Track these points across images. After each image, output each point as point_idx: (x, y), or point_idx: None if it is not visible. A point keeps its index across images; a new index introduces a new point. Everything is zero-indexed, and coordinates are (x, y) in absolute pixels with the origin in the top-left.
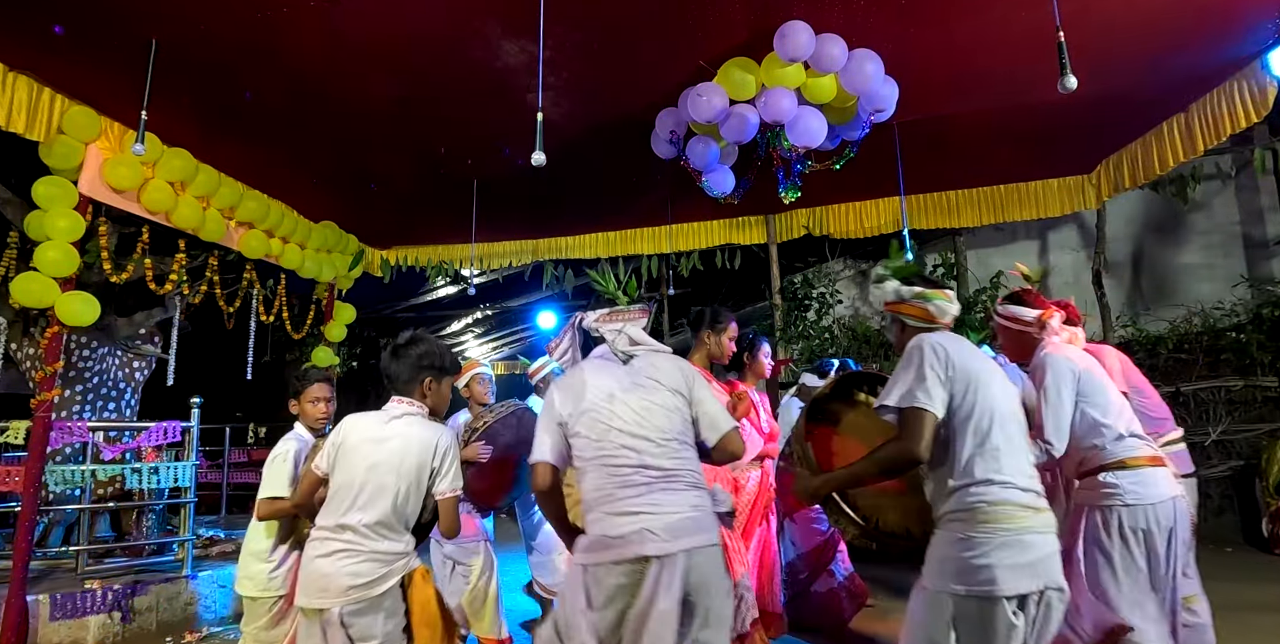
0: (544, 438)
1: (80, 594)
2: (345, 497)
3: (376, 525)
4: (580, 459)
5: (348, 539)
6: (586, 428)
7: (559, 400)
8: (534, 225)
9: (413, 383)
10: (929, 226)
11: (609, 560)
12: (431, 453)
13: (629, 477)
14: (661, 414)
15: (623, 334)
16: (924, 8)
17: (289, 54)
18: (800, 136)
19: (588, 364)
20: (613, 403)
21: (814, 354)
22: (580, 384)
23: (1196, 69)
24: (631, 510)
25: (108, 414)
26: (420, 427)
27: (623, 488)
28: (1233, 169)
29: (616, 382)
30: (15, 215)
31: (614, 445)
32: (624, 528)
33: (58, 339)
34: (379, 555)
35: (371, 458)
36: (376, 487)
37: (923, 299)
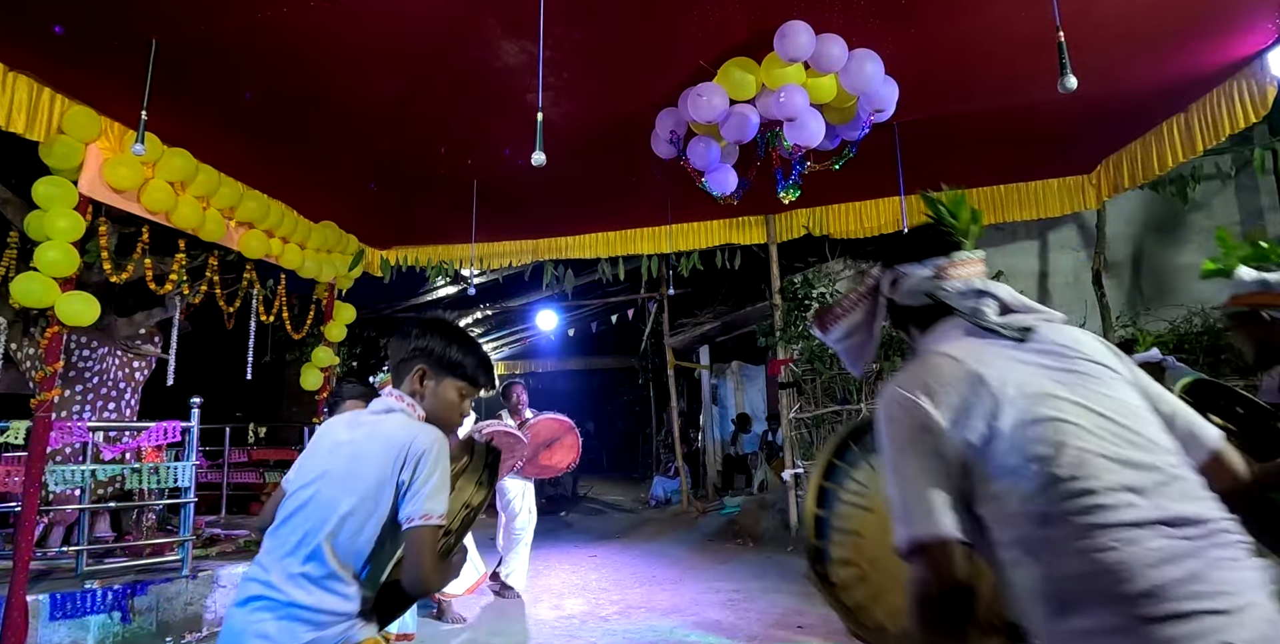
0: (932, 494)
1: (80, 594)
2: (290, 517)
3: (305, 564)
4: (1012, 517)
5: (266, 582)
6: (1030, 459)
7: (943, 417)
8: (534, 225)
9: (401, 369)
10: None
11: None
12: (399, 458)
13: (1152, 541)
14: (1145, 417)
15: (988, 295)
16: (924, 8)
17: (289, 54)
18: (799, 136)
19: (955, 348)
20: (1058, 407)
21: (814, 354)
22: (970, 381)
23: (1196, 69)
24: (1190, 608)
25: (108, 414)
26: (394, 424)
27: (1152, 567)
28: (1233, 169)
29: (1039, 370)
30: (15, 215)
31: (1102, 486)
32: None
33: (58, 339)
34: (299, 612)
35: (322, 465)
36: (316, 506)
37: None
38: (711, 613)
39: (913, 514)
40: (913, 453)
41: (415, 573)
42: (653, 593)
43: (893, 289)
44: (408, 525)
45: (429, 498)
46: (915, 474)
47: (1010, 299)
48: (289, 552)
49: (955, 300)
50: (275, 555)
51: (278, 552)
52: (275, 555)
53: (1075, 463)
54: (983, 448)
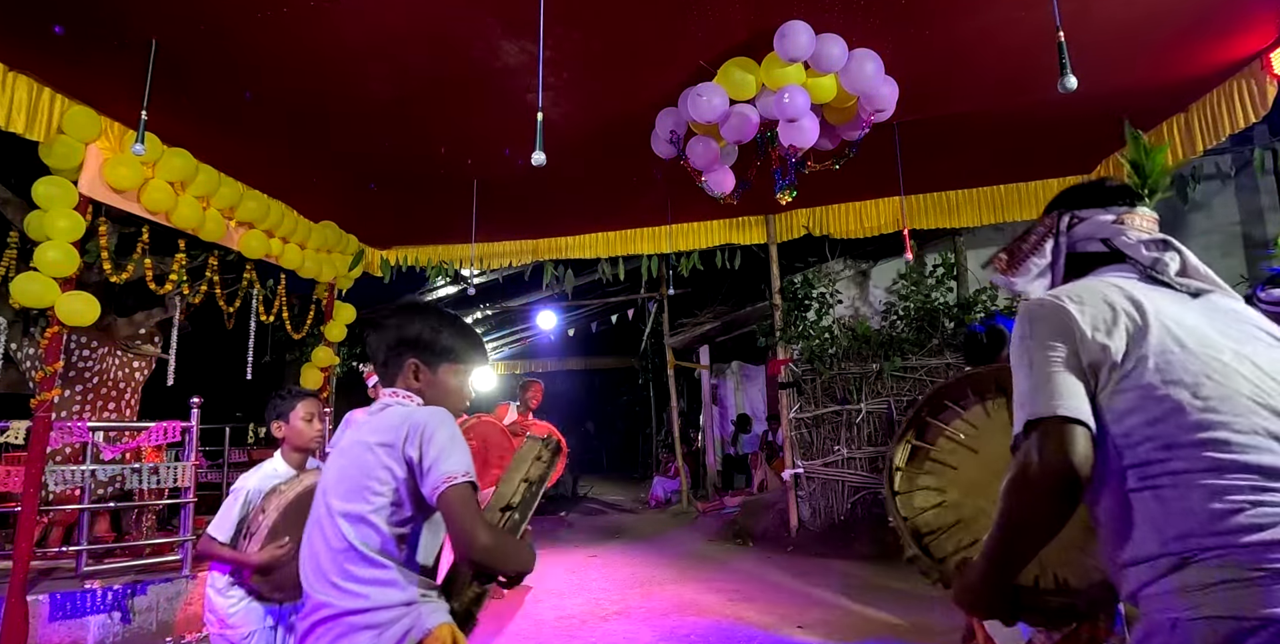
0: (1058, 378)
1: (80, 594)
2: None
3: (345, 563)
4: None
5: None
6: (1175, 381)
7: (1085, 321)
8: (534, 225)
9: (390, 367)
10: (929, 226)
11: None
12: (400, 436)
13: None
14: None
15: (1173, 250)
16: (924, 8)
17: (289, 54)
18: (795, 137)
19: (1118, 280)
20: (1213, 347)
21: (814, 354)
22: (1127, 300)
23: (1196, 69)
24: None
25: (108, 414)
26: (391, 412)
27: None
28: (1233, 169)
29: (1203, 317)
30: (15, 215)
31: (1249, 427)
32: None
33: (58, 339)
34: (358, 619)
35: (331, 471)
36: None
37: None
38: (711, 613)
39: (1037, 396)
40: (1049, 348)
41: (460, 534)
42: (653, 593)
43: (1069, 233)
44: (436, 494)
45: (444, 460)
46: (1048, 364)
47: (1193, 262)
48: (325, 565)
49: (1134, 249)
50: (315, 574)
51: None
52: (315, 574)
53: (1218, 397)
54: (1121, 362)
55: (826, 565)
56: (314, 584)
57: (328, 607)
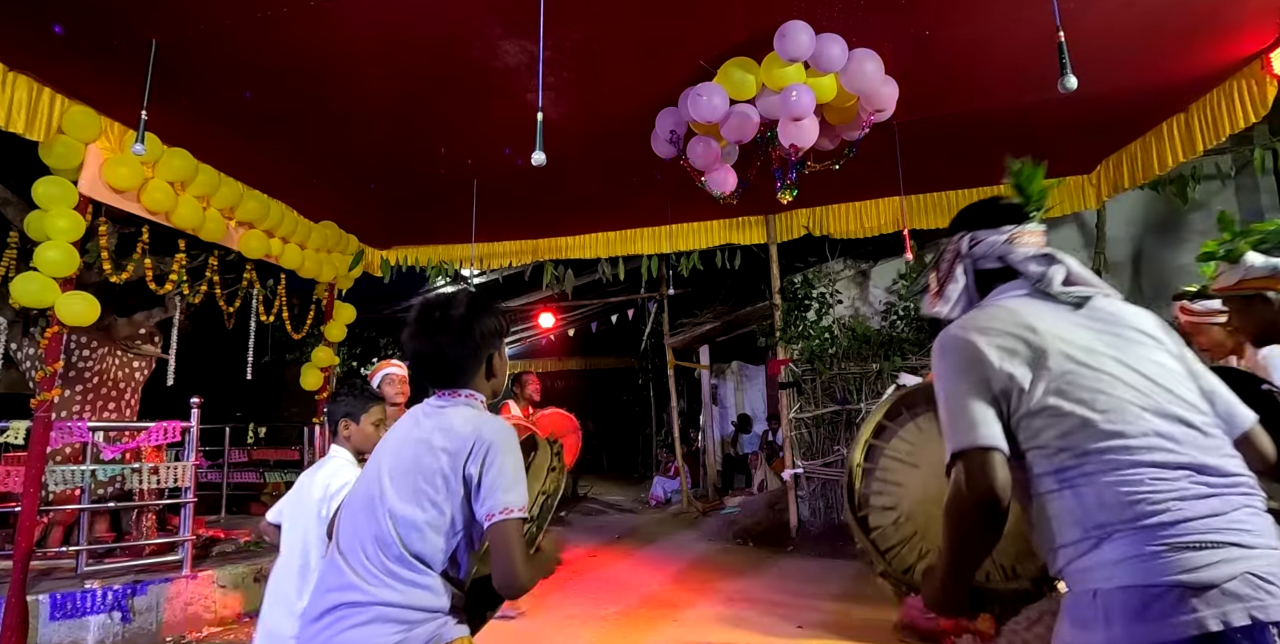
0: (976, 410)
1: (80, 594)
2: (353, 518)
3: (383, 559)
4: (1052, 455)
5: (344, 584)
6: (1074, 399)
7: (992, 354)
8: (534, 225)
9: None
10: (929, 227)
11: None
12: (466, 449)
13: (1175, 481)
14: (1184, 384)
15: (1056, 263)
16: (924, 8)
17: (289, 54)
18: (796, 137)
19: (1013, 303)
20: (1100, 361)
21: (814, 354)
22: (1023, 328)
23: (1196, 69)
24: (1215, 538)
25: (108, 414)
26: (460, 414)
27: (1187, 500)
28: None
29: (1090, 332)
30: (15, 215)
31: (1137, 431)
32: (1211, 569)
33: (58, 339)
34: (392, 611)
35: (387, 459)
36: (391, 501)
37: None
38: (711, 612)
39: (958, 427)
40: (963, 380)
41: (505, 569)
42: (653, 592)
43: (970, 253)
44: (488, 523)
45: (506, 490)
46: (964, 396)
47: (1076, 270)
48: (369, 553)
49: (1024, 266)
50: (352, 559)
51: (355, 555)
52: (352, 559)
53: (1113, 408)
54: (1028, 387)
55: (826, 565)
56: (350, 564)
57: (360, 590)
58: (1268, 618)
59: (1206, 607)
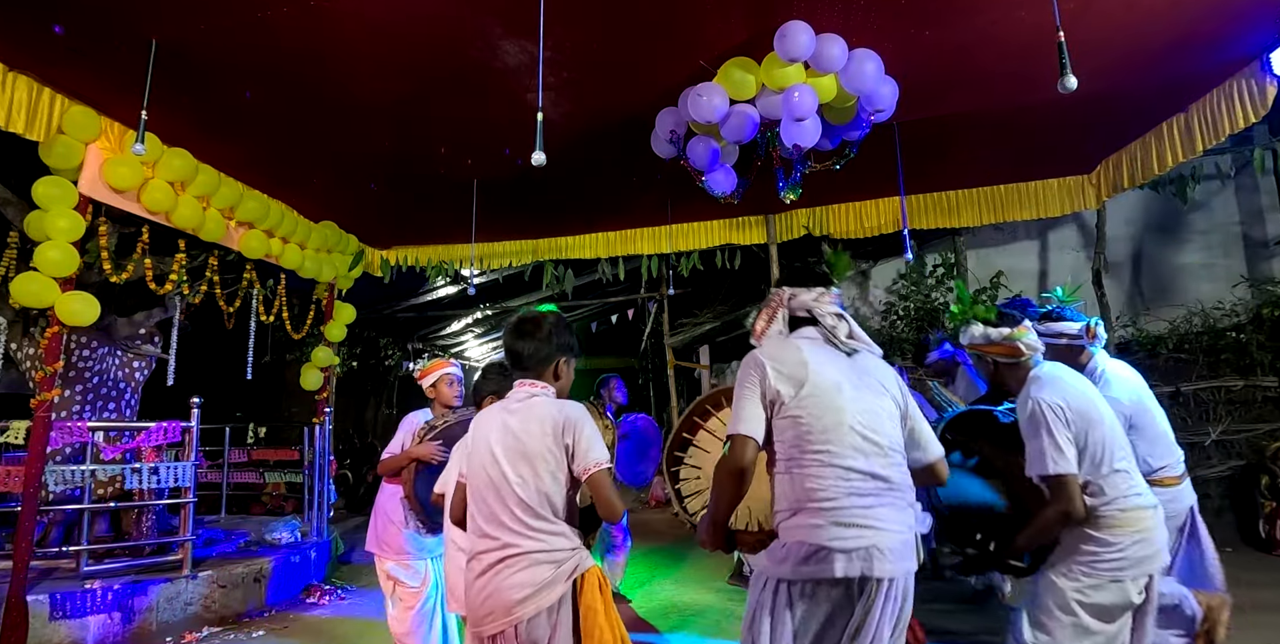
0: (749, 410)
1: (80, 594)
2: (484, 499)
3: (525, 518)
4: (788, 447)
5: (503, 543)
6: (811, 415)
7: (771, 374)
8: (534, 225)
9: (546, 363)
10: (929, 226)
11: (830, 576)
12: (559, 428)
13: (856, 483)
14: (889, 421)
15: (844, 322)
16: (924, 8)
17: (289, 54)
18: (798, 137)
19: (802, 343)
20: (842, 395)
21: None
22: (799, 362)
23: (1196, 69)
24: (860, 522)
25: (108, 414)
26: (545, 405)
27: (851, 496)
28: (1233, 169)
29: (843, 373)
30: (15, 215)
31: (844, 444)
32: (851, 542)
33: (58, 339)
34: (542, 557)
35: (500, 448)
36: (514, 479)
37: (1010, 340)
38: (711, 612)
39: (738, 420)
40: (749, 388)
41: (609, 504)
42: (652, 592)
43: (788, 304)
44: (586, 475)
45: (592, 450)
46: (746, 398)
47: (856, 330)
48: (512, 516)
49: (824, 318)
50: (500, 524)
51: (500, 519)
52: (500, 524)
53: (832, 425)
54: (785, 401)
55: None
56: (495, 530)
57: (515, 546)
58: (886, 574)
59: (839, 563)
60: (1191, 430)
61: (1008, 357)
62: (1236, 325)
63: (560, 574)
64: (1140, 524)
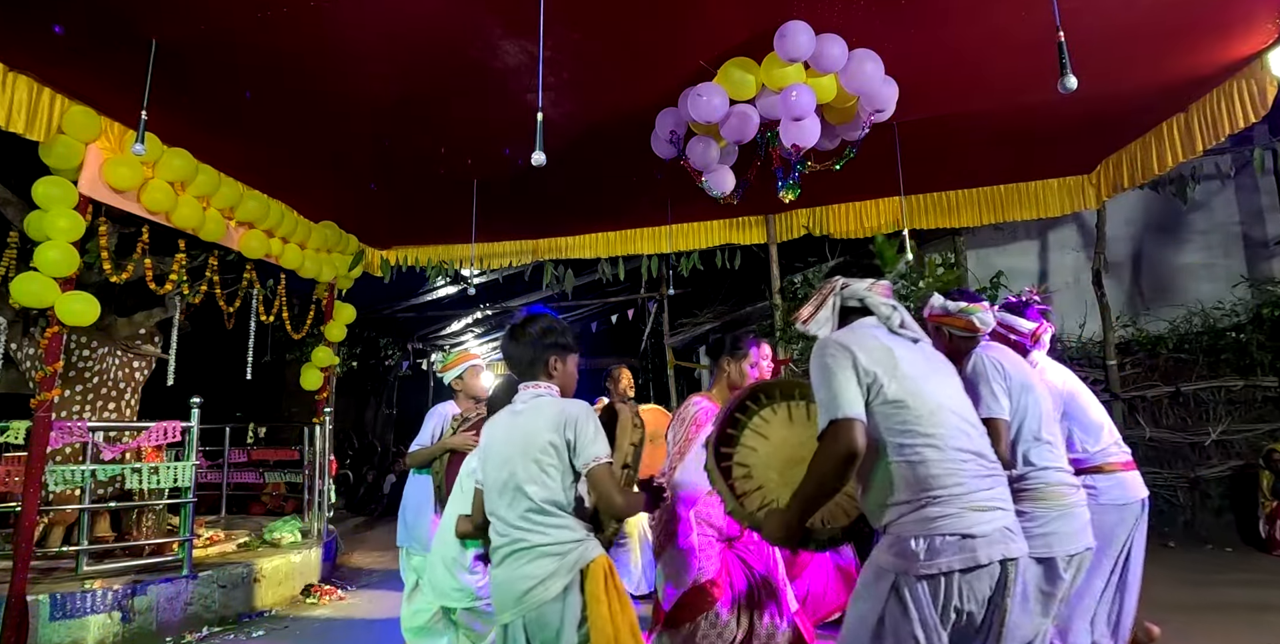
0: (849, 391)
1: (80, 594)
2: (495, 496)
3: (531, 513)
4: (891, 435)
5: (513, 539)
6: (914, 399)
7: (862, 357)
8: (534, 225)
9: (537, 363)
10: (929, 226)
11: (975, 564)
12: (560, 424)
13: (971, 465)
14: (968, 404)
15: (898, 312)
16: (924, 8)
17: (289, 54)
18: (798, 137)
19: (874, 331)
20: (931, 380)
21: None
22: (881, 348)
23: (1196, 69)
24: (990, 505)
25: (108, 414)
26: (549, 403)
27: (973, 478)
28: (1233, 169)
29: (922, 359)
30: (15, 215)
31: (950, 426)
32: (988, 525)
33: (58, 339)
34: (548, 548)
35: (507, 449)
36: (523, 475)
37: (965, 313)
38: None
39: (839, 403)
40: (843, 373)
41: (606, 500)
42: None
43: (840, 293)
44: (585, 470)
45: (592, 444)
46: (842, 383)
47: (908, 319)
48: (520, 512)
49: (878, 308)
50: (509, 521)
51: (510, 516)
52: (509, 521)
53: (933, 409)
54: (883, 385)
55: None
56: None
57: (523, 540)
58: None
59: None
60: (1191, 430)
61: (963, 330)
62: (1236, 325)
63: (564, 565)
64: (1064, 500)
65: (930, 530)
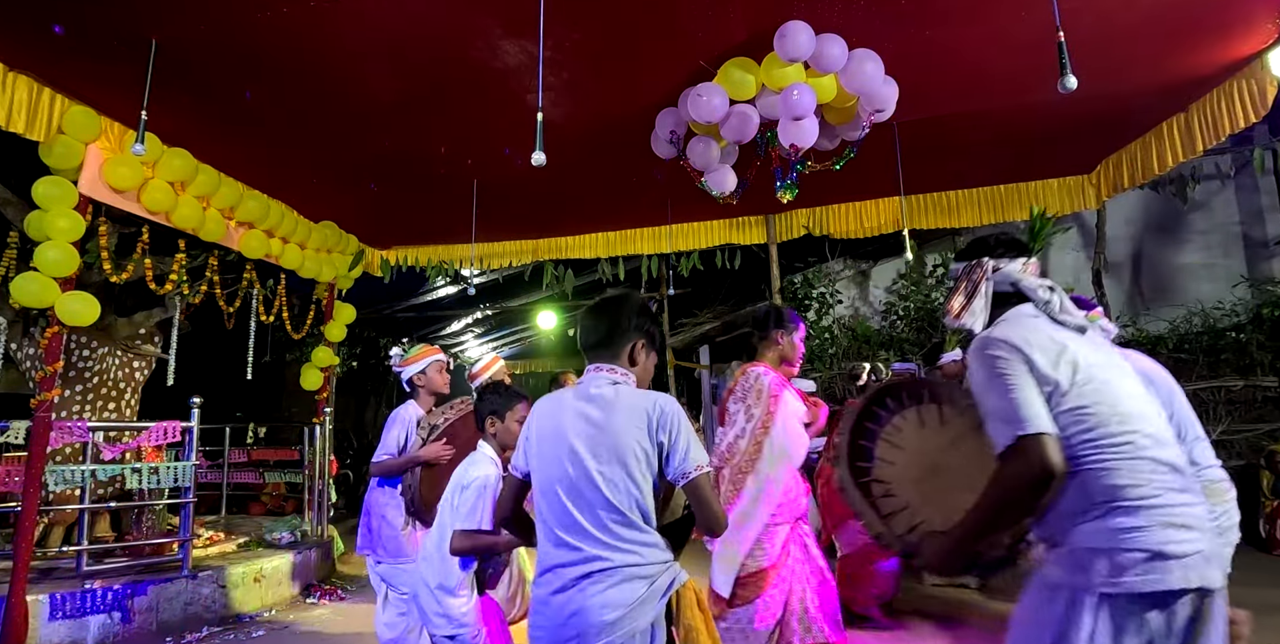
0: (1033, 403)
1: (80, 594)
2: (561, 501)
3: (616, 525)
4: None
5: (587, 556)
6: (1100, 401)
7: (1039, 359)
8: (534, 225)
9: (620, 342)
10: (929, 226)
11: (1166, 588)
12: (652, 422)
13: (1168, 477)
14: (1154, 404)
15: (1056, 293)
16: (924, 8)
17: (289, 54)
18: (796, 137)
19: (1039, 323)
20: (1115, 378)
21: (814, 354)
22: (1054, 343)
23: (1196, 69)
24: (1189, 523)
25: (108, 414)
26: (633, 394)
27: (1170, 492)
28: (1233, 169)
29: (1099, 353)
30: (15, 215)
31: (1139, 432)
32: (1185, 545)
33: (58, 339)
34: (637, 570)
35: (580, 442)
36: (600, 480)
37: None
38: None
39: (1018, 415)
40: (1017, 377)
41: (714, 517)
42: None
43: (991, 274)
44: (685, 480)
45: (692, 449)
46: (1020, 389)
47: (1067, 302)
48: (599, 524)
49: (1034, 292)
50: (579, 532)
51: (582, 528)
52: (579, 532)
53: (1123, 413)
54: (1065, 390)
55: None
56: (578, 539)
57: (604, 559)
58: (1218, 584)
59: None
60: None
61: None
62: (1236, 325)
63: (655, 591)
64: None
65: (1116, 544)
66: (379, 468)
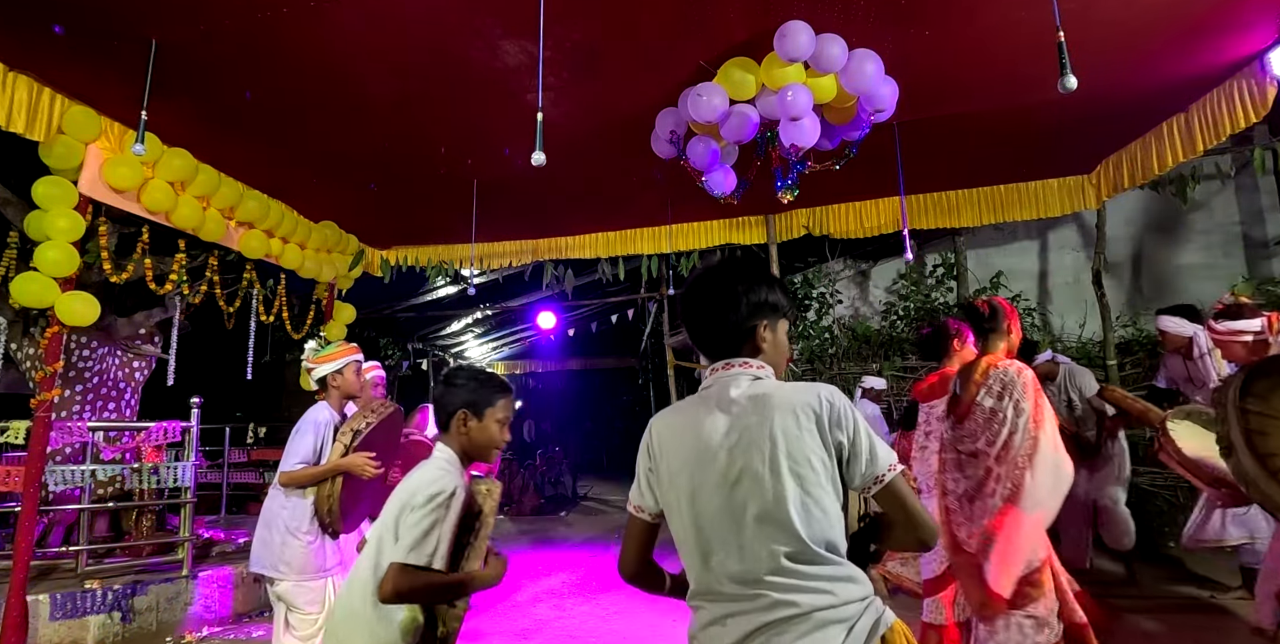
0: None
1: (80, 594)
2: (712, 536)
3: (793, 561)
4: None
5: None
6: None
7: None
8: (534, 225)
9: (739, 333)
10: (929, 226)
11: None
12: (824, 419)
13: None
14: None
15: None
16: (924, 8)
17: (289, 54)
18: (797, 137)
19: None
20: None
21: (814, 354)
22: None
23: (1196, 69)
24: None
25: (108, 414)
26: (784, 389)
27: None
28: (1233, 169)
29: None
30: (15, 215)
31: None
32: None
33: (58, 339)
34: (830, 615)
35: (726, 461)
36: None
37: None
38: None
39: None
40: None
41: (922, 525)
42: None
43: None
44: (879, 486)
45: (879, 447)
46: None
47: None
48: (772, 559)
49: None
50: (747, 575)
51: (748, 566)
52: (747, 575)
53: None
54: None
55: None
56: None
57: (788, 604)
58: None
59: None
60: None
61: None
62: None
63: (856, 637)
64: None
65: None
66: (292, 477)
